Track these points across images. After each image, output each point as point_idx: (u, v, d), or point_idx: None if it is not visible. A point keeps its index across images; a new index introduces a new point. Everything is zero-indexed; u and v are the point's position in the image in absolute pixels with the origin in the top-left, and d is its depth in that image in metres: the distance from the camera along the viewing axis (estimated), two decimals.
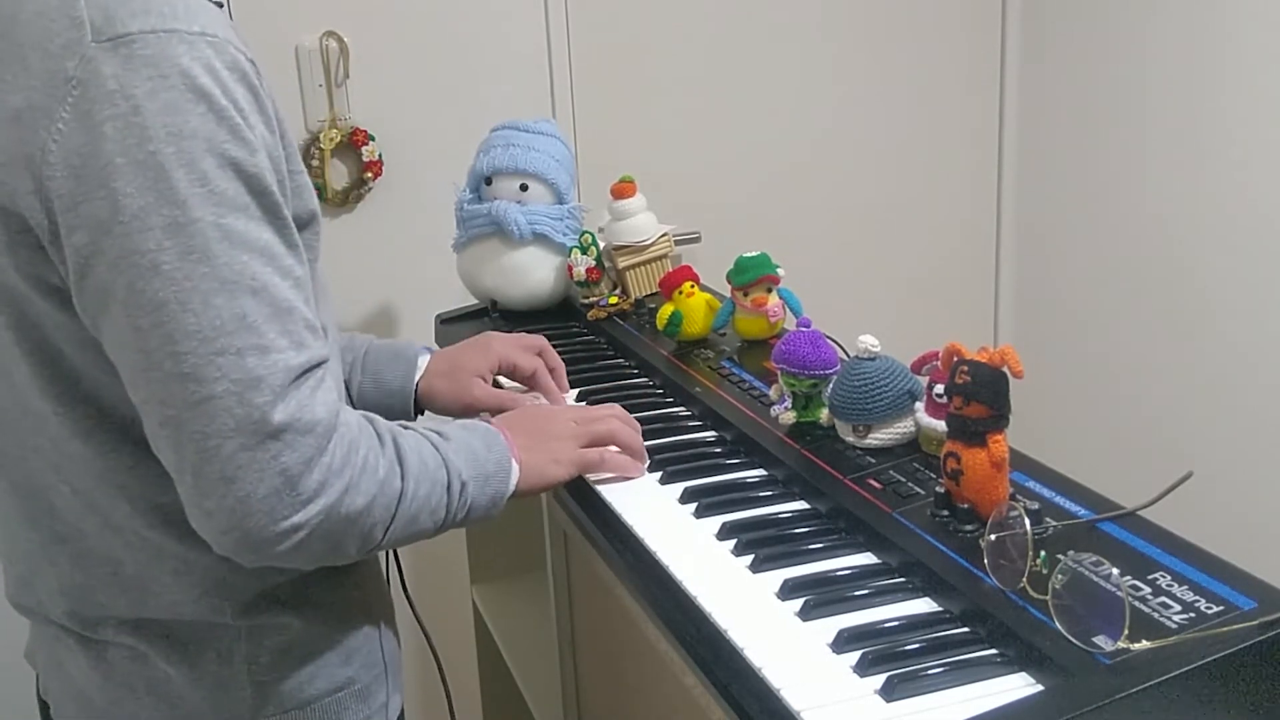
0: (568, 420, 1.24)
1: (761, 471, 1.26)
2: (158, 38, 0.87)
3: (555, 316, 1.82)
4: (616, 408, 1.29)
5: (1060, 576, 0.90)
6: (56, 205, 0.88)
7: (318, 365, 0.93)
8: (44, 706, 1.16)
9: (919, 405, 1.20)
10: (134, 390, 0.91)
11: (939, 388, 1.15)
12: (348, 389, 1.41)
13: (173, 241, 0.87)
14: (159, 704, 1.05)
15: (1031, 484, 1.11)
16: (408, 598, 1.45)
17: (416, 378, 1.41)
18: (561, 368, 1.48)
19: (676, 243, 1.90)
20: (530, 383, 1.46)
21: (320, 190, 2.08)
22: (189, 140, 0.87)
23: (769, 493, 1.21)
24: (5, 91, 0.89)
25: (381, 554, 1.21)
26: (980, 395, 1.04)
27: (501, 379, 1.48)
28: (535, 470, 1.16)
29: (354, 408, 1.38)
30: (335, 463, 0.93)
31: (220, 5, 1.00)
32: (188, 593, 1.02)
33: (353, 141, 2.09)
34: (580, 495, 1.26)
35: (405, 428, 1.07)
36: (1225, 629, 0.87)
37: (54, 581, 1.05)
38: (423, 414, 1.45)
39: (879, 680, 0.89)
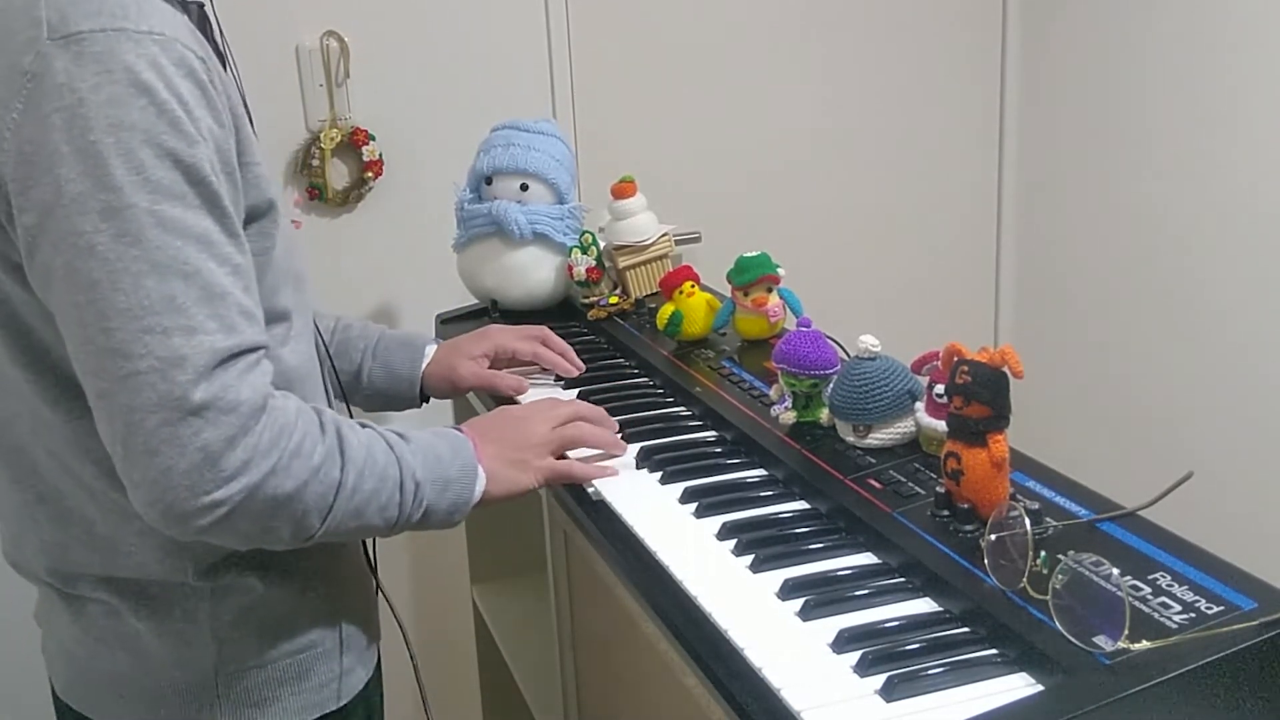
0: (539, 426, 1.26)
1: (761, 471, 1.26)
2: (106, 36, 0.92)
3: (555, 316, 1.82)
4: (581, 405, 1.31)
5: (1060, 576, 0.90)
6: (10, 189, 0.94)
7: (250, 350, 0.97)
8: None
9: (919, 405, 1.20)
10: (75, 363, 0.96)
11: (939, 388, 1.15)
12: (358, 374, 1.49)
13: (108, 224, 0.91)
14: (130, 657, 1.10)
15: (1031, 484, 1.11)
16: (379, 586, 1.44)
17: (424, 365, 1.49)
18: (568, 351, 1.54)
19: (676, 243, 1.90)
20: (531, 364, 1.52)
21: (320, 190, 2.09)
22: (128, 132, 0.92)
23: (769, 493, 1.21)
24: None
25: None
26: (980, 395, 1.04)
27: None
28: (503, 479, 1.19)
29: (364, 391, 1.49)
30: (262, 444, 0.96)
31: (200, 5, 1.06)
32: (152, 553, 1.07)
33: (353, 141, 2.09)
34: (580, 495, 1.26)
35: (363, 426, 1.10)
36: (1225, 629, 0.87)
37: (35, 540, 1.11)
38: (428, 400, 1.53)
39: (879, 680, 0.89)
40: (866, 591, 1.02)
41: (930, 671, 0.89)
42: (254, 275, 1.01)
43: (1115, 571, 0.88)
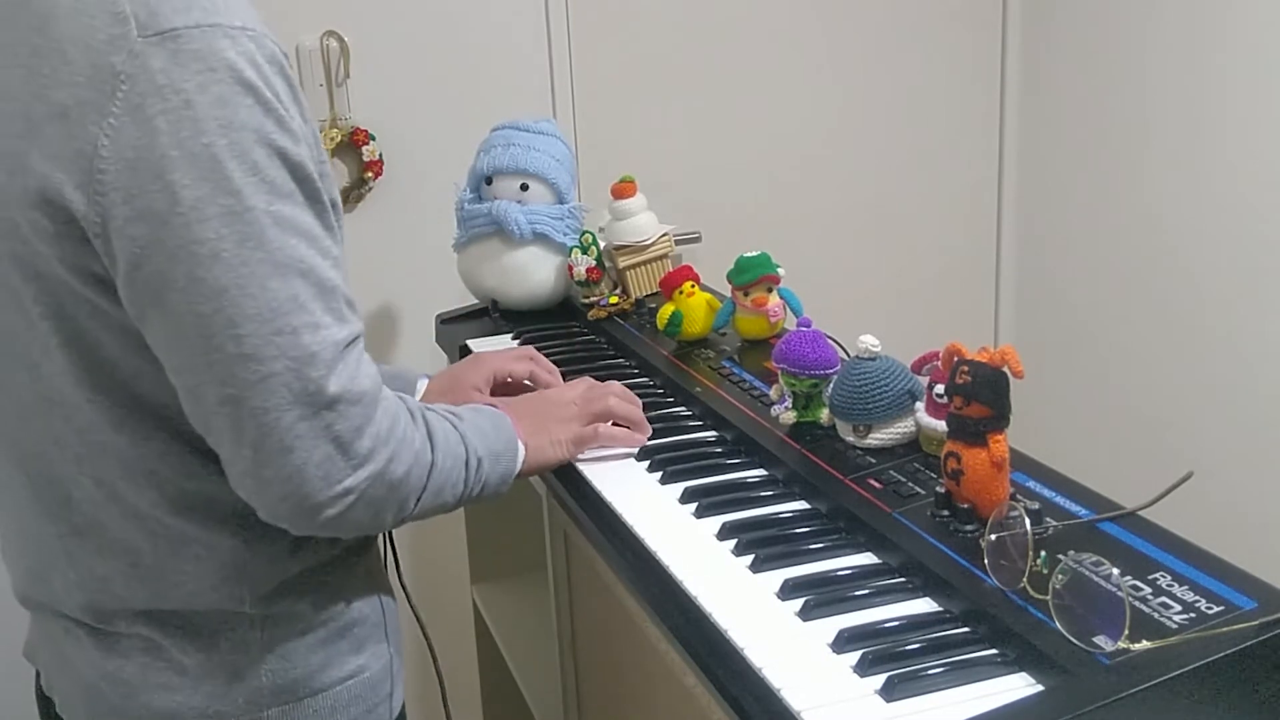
0: (568, 403, 1.29)
1: (762, 471, 1.26)
2: (202, 32, 0.90)
3: (555, 316, 1.82)
4: (615, 385, 1.34)
5: (1060, 576, 0.90)
6: (110, 199, 0.89)
7: (359, 337, 0.99)
8: (46, 703, 1.16)
9: (919, 405, 1.20)
10: (186, 374, 0.94)
11: (939, 388, 1.15)
12: None
13: (230, 230, 0.90)
14: (170, 693, 1.06)
15: (1032, 484, 1.11)
16: (405, 591, 1.45)
17: (417, 399, 1.43)
18: (556, 372, 1.50)
19: (677, 243, 1.90)
20: (526, 386, 1.48)
21: None
22: (239, 131, 0.90)
23: (769, 493, 1.22)
24: (47, 87, 0.91)
25: (381, 549, 1.24)
26: (980, 395, 1.04)
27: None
28: (537, 451, 1.23)
29: None
30: (382, 431, 0.99)
31: None
32: (207, 580, 1.04)
33: (353, 141, 2.09)
34: (581, 495, 1.26)
35: (426, 408, 1.12)
36: (1225, 629, 0.87)
37: (71, 575, 1.06)
38: None
39: (879, 680, 0.89)
40: (866, 591, 1.02)
41: (930, 671, 0.89)
42: (344, 266, 1.02)
43: (1115, 571, 0.88)
